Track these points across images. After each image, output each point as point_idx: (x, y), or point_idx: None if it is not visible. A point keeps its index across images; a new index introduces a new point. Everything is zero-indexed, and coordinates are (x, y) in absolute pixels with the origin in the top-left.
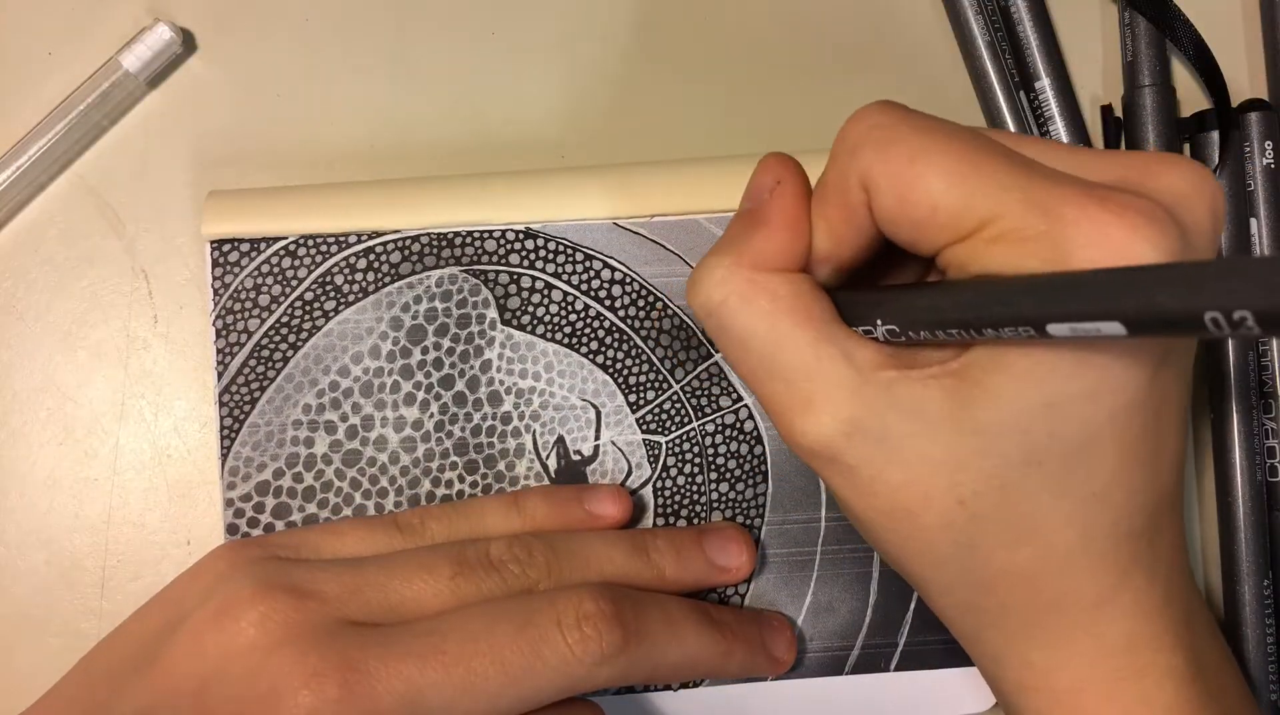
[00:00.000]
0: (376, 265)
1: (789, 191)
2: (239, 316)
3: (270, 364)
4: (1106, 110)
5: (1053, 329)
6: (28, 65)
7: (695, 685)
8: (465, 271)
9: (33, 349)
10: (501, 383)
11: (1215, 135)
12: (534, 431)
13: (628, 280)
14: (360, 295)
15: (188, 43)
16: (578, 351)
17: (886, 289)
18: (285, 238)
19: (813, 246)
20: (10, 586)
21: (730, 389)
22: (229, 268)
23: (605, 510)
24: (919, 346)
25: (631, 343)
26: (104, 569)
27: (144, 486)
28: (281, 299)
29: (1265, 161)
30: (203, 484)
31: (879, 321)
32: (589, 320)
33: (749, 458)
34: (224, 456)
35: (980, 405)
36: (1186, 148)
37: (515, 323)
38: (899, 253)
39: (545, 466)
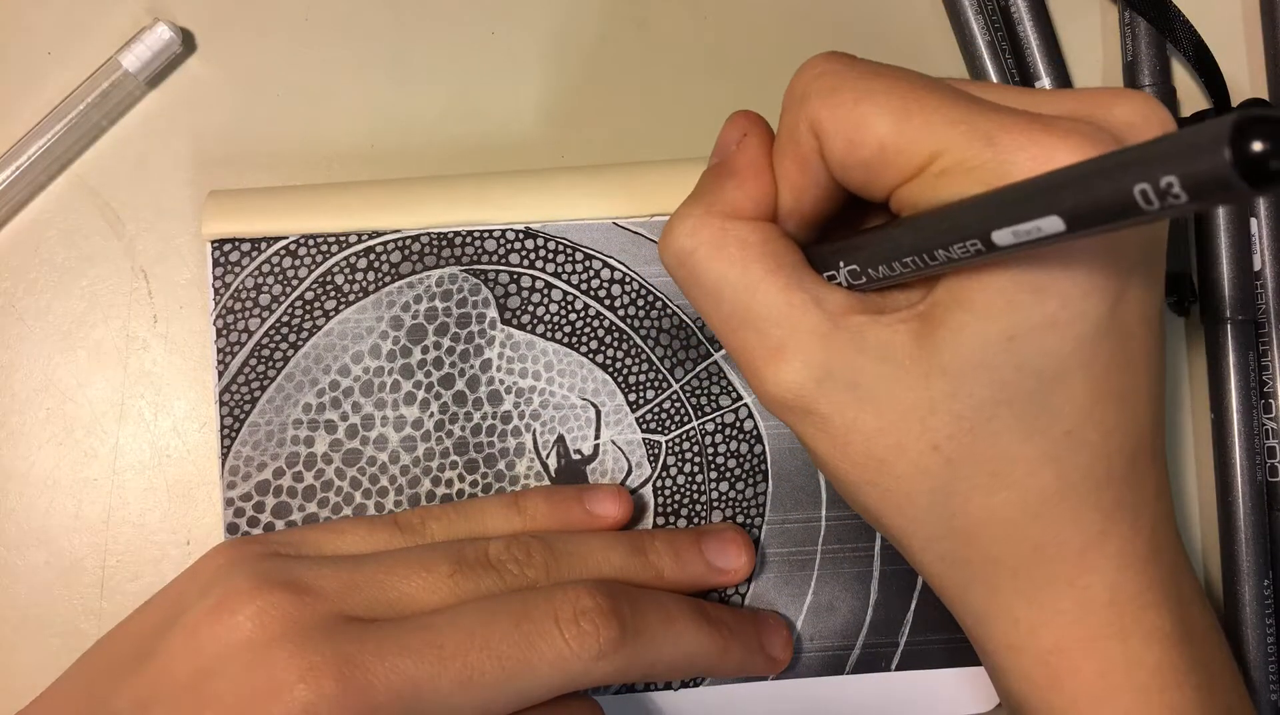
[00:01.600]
0: (377, 265)
1: (755, 143)
2: (239, 316)
3: (271, 363)
4: None
5: (997, 237)
6: (27, 65)
7: (695, 685)
8: (465, 271)
9: (32, 349)
10: (501, 382)
11: None
12: (534, 431)
13: (627, 280)
14: (360, 295)
15: (187, 43)
16: (577, 351)
17: (846, 237)
18: (286, 237)
19: (778, 198)
20: (10, 586)
21: (730, 388)
22: (229, 267)
23: (606, 510)
24: (884, 289)
25: (631, 342)
26: (103, 569)
27: (143, 486)
28: (282, 298)
29: None
30: (202, 484)
31: (840, 263)
32: (589, 319)
33: (749, 457)
34: (224, 456)
35: (945, 345)
36: None
37: (515, 322)
38: (860, 210)
39: (545, 466)
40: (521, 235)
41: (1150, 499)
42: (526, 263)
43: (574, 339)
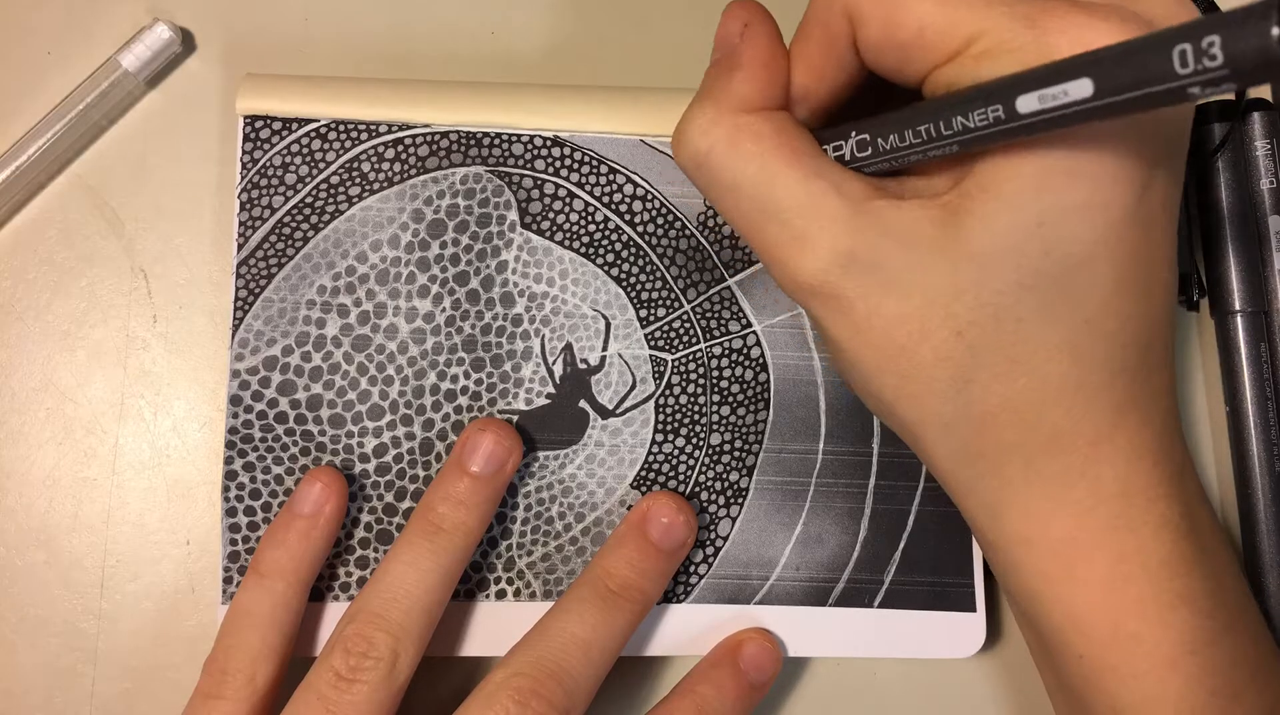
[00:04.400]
0: (404, 156)
1: (759, 31)
2: (264, 192)
3: (290, 242)
4: None
5: (1021, 103)
6: (27, 65)
7: (679, 601)
8: (491, 172)
9: (32, 349)
10: (515, 285)
11: (1215, 129)
12: (543, 336)
13: (649, 197)
14: (385, 184)
15: (187, 43)
16: (593, 262)
17: (859, 120)
18: (317, 120)
19: (791, 84)
20: (10, 586)
21: (740, 314)
22: (259, 144)
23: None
24: (895, 171)
25: (647, 259)
26: (103, 569)
27: (143, 486)
28: (308, 179)
29: (1267, 161)
30: (202, 484)
31: (851, 133)
32: (607, 232)
33: (753, 384)
34: (235, 328)
35: (974, 230)
36: None
37: (535, 227)
38: (871, 104)
39: (551, 371)
40: (549, 142)
41: (1160, 394)
42: (551, 170)
43: (591, 250)
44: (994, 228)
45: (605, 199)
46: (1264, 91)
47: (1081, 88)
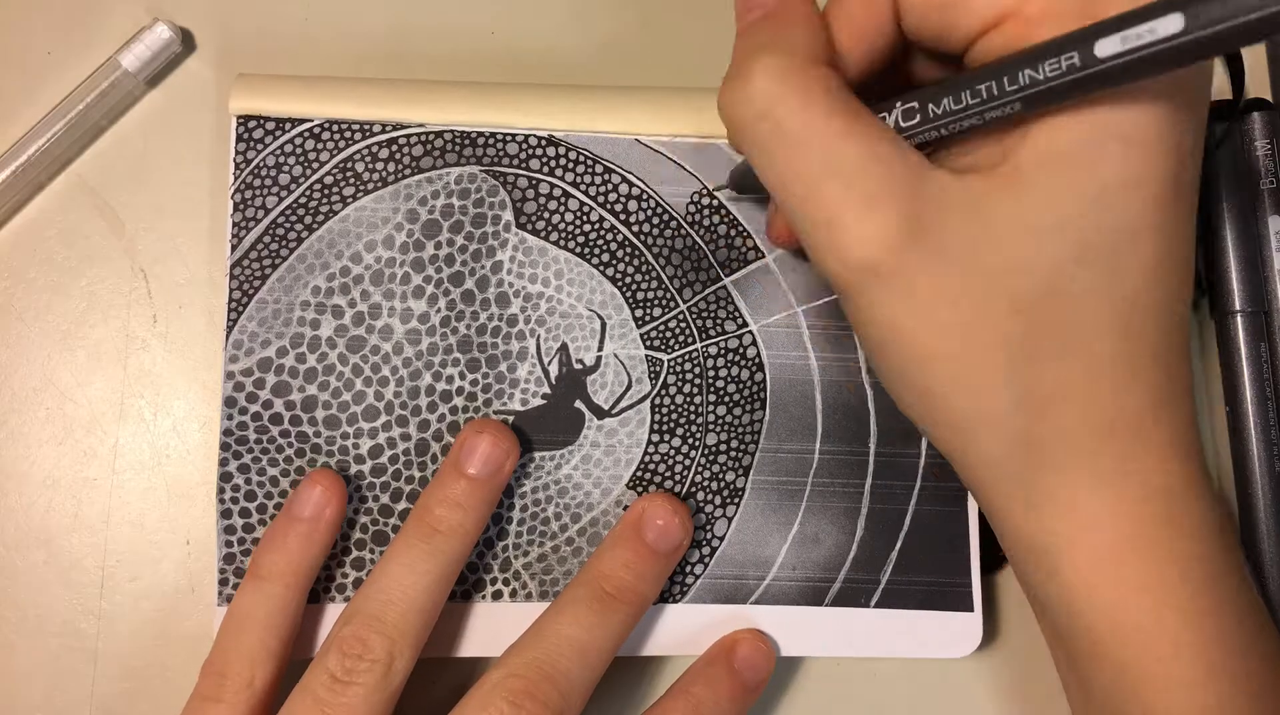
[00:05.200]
0: (398, 156)
1: None
2: (258, 192)
3: (284, 243)
4: None
5: (1101, 47)
6: (27, 65)
7: (675, 601)
8: (485, 171)
9: (32, 349)
10: (510, 285)
11: (1214, 129)
12: (538, 336)
13: (644, 197)
14: (379, 184)
15: (187, 42)
16: (589, 261)
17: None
18: (311, 120)
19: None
20: (10, 586)
21: (736, 314)
22: (252, 144)
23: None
24: (942, 138)
25: (642, 258)
26: (103, 569)
27: (143, 486)
28: (301, 180)
29: (1268, 161)
30: (202, 484)
31: (898, 103)
32: (603, 232)
33: (749, 384)
34: (229, 329)
35: (1035, 204)
36: None
37: (530, 227)
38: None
39: (546, 372)
40: (544, 142)
41: (1186, 385)
42: (546, 170)
43: (586, 249)
44: (1054, 200)
45: (600, 199)
46: (1264, 91)
47: (1171, 24)
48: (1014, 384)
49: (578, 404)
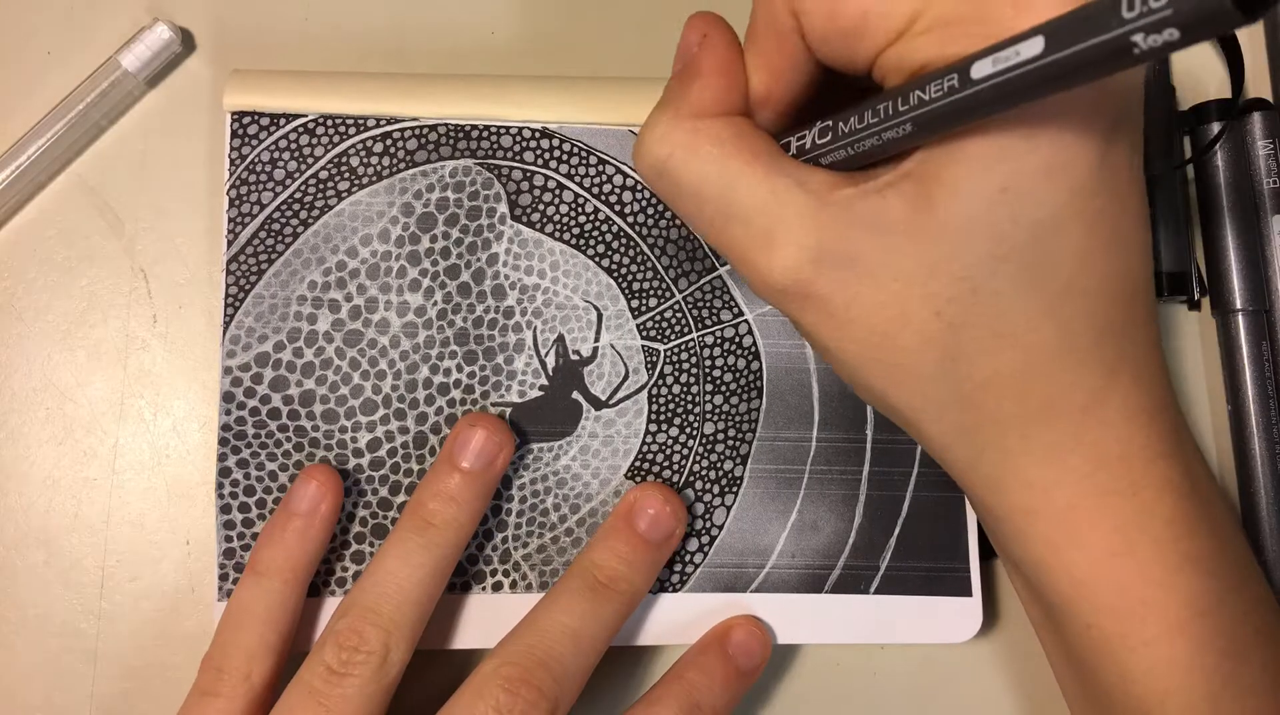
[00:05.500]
0: (393, 150)
1: (716, 40)
2: (253, 188)
3: (280, 238)
4: None
5: (976, 69)
6: (27, 65)
7: (674, 590)
8: (480, 164)
9: (32, 348)
10: (507, 277)
11: (1214, 127)
12: (535, 328)
13: (639, 187)
14: (374, 178)
15: (187, 42)
16: (584, 253)
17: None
18: (305, 115)
19: (750, 89)
20: (10, 586)
21: (732, 303)
22: (247, 140)
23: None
24: (859, 156)
25: (638, 249)
26: (103, 569)
27: (143, 486)
28: (296, 175)
29: (1268, 161)
30: (201, 484)
31: (815, 124)
32: (598, 223)
33: (745, 372)
34: (226, 324)
35: (940, 204)
36: (1186, 140)
37: (525, 219)
38: (831, 104)
39: (543, 363)
40: (538, 134)
41: (1150, 350)
42: (540, 162)
43: (582, 241)
44: (960, 198)
45: (595, 190)
46: (1264, 91)
47: (1033, 46)
48: (945, 380)
49: (575, 395)
